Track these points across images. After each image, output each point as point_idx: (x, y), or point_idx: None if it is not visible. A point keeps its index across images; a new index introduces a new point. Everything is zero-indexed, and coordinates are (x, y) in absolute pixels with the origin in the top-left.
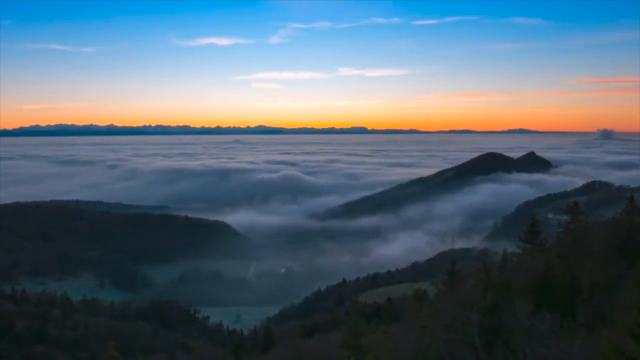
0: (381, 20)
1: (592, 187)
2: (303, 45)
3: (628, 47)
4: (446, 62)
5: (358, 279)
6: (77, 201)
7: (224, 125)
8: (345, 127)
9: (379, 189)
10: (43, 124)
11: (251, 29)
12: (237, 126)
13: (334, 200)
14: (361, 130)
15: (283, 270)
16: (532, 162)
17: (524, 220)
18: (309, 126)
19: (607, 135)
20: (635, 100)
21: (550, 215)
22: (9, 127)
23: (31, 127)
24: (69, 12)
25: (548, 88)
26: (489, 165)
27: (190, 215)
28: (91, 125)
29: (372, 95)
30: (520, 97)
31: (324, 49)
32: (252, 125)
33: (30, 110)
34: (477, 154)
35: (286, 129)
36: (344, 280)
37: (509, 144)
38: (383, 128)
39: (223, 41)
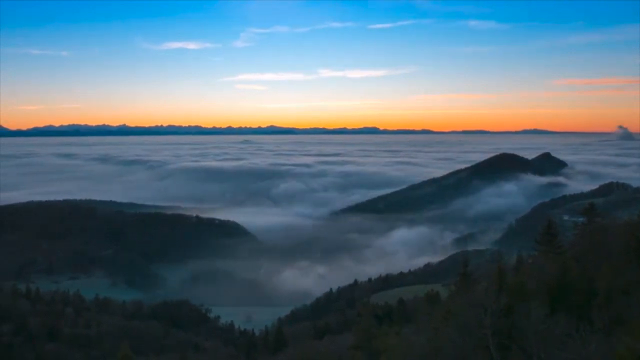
0: (337, 24)
1: (609, 189)
2: (269, 48)
3: (588, 49)
4: (423, 63)
5: (370, 280)
6: (90, 200)
7: (235, 126)
8: (356, 127)
9: (392, 189)
10: (57, 124)
11: (214, 34)
12: (248, 126)
13: (346, 201)
14: (373, 131)
15: (294, 270)
16: (547, 163)
17: (539, 221)
18: (321, 126)
19: (625, 135)
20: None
21: (566, 217)
22: (24, 128)
23: (45, 127)
24: (44, 17)
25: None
26: (503, 165)
27: (202, 215)
28: (104, 125)
29: (362, 96)
30: (504, 97)
31: (292, 51)
32: (264, 126)
33: (43, 111)
34: (491, 155)
35: (297, 129)
36: (356, 281)
37: (523, 144)
38: (395, 128)
39: (191, 45)
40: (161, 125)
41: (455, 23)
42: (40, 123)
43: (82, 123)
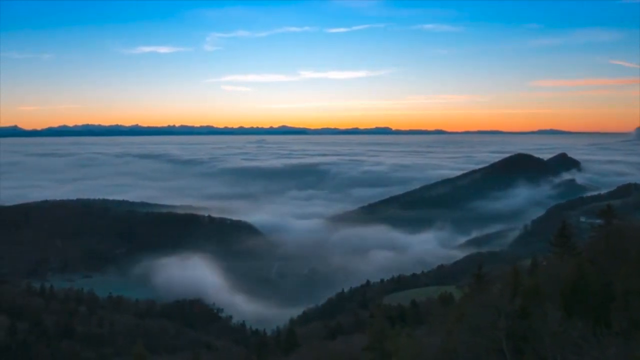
0: (295, 29)
1: (627, 190)
2: (239, 51)
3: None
4: (403, 65)
5: (382, 280)
6: (103, 200)
7: (246, 126)
8: (369, 127)
9: (405, 190)
10: (70, 124)
11: (181, 38)
12: (260, 126)
13: (360, 200)
14: (385, 131)
15: (306, 271)
16: (564, 164)
17: (555, 223)
18: (332, 126)
19: None
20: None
21: (582, 219)
22: (38, 128)
23: (59, 127)
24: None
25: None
26: (519, 166)
27: (214, 215)
28: (117, 125)
29: (353, 97)
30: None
31: (264, 53)
32: (275, 126)
33: (55, 111)
34: (506, 155)
35: (309, 129)
36: (368, 282)
37: (539, 144)
38: (408, 128)
39: (163, 49)
40: (174, 125)
41: (409, 27)
42: (54, 123)
43: (96, 123)
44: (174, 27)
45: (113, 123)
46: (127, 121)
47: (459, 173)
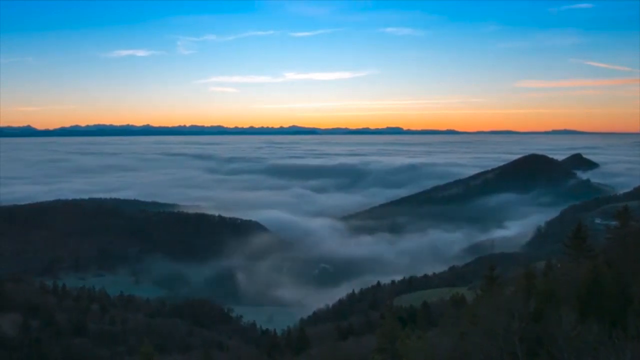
0: (260, 32)
1: None
2: (215, 54)
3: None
4: (381, 66)
5: (393, 281)
6: (115, 199)
7: (257, 126)
8: (380, 127)
9: (417, 190)
10: (82, 124)
11: (153, 42)
12: (270, 126)
13: (369, 201)
14: (396, 131)
15: (316, 271)
16: (579, 164)
17: (570, 225)
18: (343, 127)
19: None
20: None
21: (598, 220)
22: (51, 127)
23: (71, 127)
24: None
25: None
26: (533, 166)
27: (224, 214)
28: (128, 125)
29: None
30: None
31: (244, 56)
32: (286, 126)
33: (65, 111)
34: (520, 155)
35: (320, 129)
36: (379, 283)
37: (553, 145)
38: (419, 128)
39: (140, 52)
40: (184, 125)
41: (370, 31)
42: (66, 123)
43: (107, 123)
44: (145, 32)
45: (124, 123)
46: (138, 121)
47: (475, 172)
